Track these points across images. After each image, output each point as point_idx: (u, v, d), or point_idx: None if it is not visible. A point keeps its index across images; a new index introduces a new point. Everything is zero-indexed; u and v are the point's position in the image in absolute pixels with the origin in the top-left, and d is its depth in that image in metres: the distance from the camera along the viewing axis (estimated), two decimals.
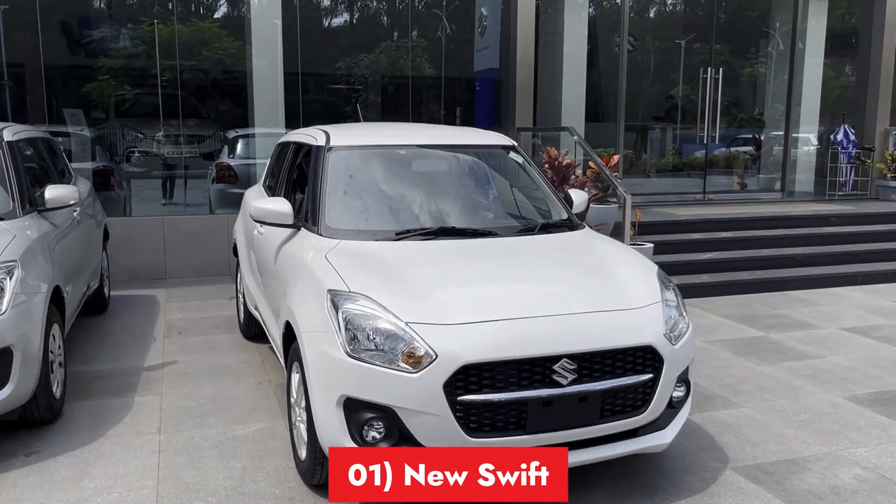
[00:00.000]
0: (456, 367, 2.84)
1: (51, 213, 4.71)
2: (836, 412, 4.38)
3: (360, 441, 2.96)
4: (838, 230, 8.69)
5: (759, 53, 12.60)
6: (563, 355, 2.96)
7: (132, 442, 3.89)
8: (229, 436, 3.97)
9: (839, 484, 3.50)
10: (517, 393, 2.91)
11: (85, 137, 9.50)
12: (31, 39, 8.99)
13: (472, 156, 4.43)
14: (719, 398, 4.58)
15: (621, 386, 3.06)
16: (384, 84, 11.76)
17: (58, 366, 4.23)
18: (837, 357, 5.42)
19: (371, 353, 2.94)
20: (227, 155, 9.76)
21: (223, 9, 11.17)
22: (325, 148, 4.15)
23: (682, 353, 3.28)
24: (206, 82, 10.34)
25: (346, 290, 3.13)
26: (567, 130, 8.14)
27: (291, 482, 3.46)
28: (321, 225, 3.77)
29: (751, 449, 3.87)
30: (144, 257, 7.91)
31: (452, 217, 3.95)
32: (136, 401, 4.46)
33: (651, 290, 3.39)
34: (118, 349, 5.46)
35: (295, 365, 3.45)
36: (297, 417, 3.47)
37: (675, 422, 3.36)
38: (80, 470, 3.57)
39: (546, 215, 4.26)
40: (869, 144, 10.67)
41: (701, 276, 7.42)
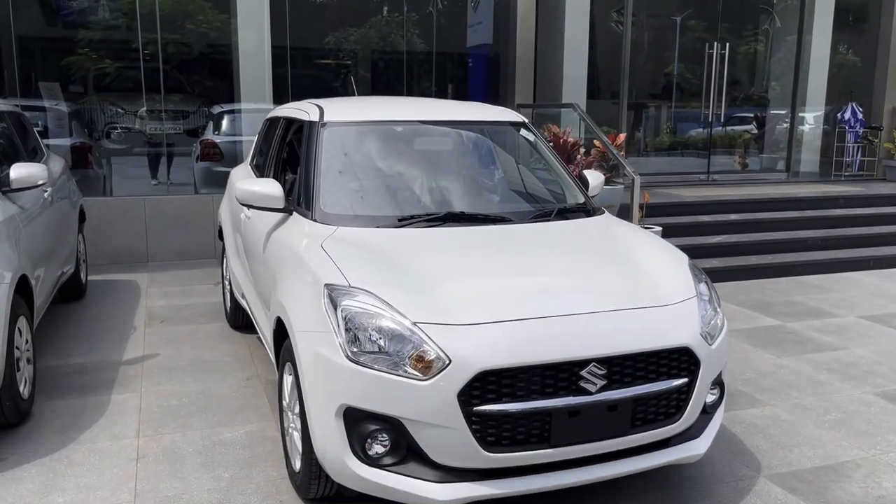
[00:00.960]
0: (472, 374, 2.50)
1: (17, 195, 4.30)
2: (869, 411, 4.08)
3: (363, 456, 2.62)
4: (848, 212, 8.40)
5: (758, 30, 12.23)
6: (591, 359, 2.62)
7: (108, 448, 3.53)
8: (215, 440, 3.63)
9: (884, 494, 3.20)
10: (540, 402, 2.57)
11: (62, 112, 9.02)
12: (2, 9, 8.48)
13: (479, 133, 4.05)
14: (743, 395, 4.28)
15: (655, 392, 2.73)
16: (374, 59, 11.33)
17: (25, 363, 3.85)
18: (861, 349, 5.12)
19: (374, 356, 2.59)
20: (213, 131, 9.32)
21: None
22: (318, 124, 3.76)
23: (718, 354, 2.95)
24: (191, 56, 9.87)
25: (346, 284, 2.77)
26: (571, 107, 7.76)
27: (284, 495, 3.12)
28: (315, 209, 3.40)
29: (783, 454, 3.56)
30: (125, 240, 7.50)
31: (460, 201, 3.59)
32: (112, 399, 4.10)
33: (685, 284, 3.05)
34: (95, 340, 5.08)
35: (288, 366, 3.10)
36: (290, 424, 3.12)
37: (709, 429, 3.04)
38: (48, 481, 3.21)
39: (561, 199, 3.90)
40: (877, 123, 10.36)
41: (711, 260, 7.10)
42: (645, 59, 12.67)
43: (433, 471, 2.59)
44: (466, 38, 10.82)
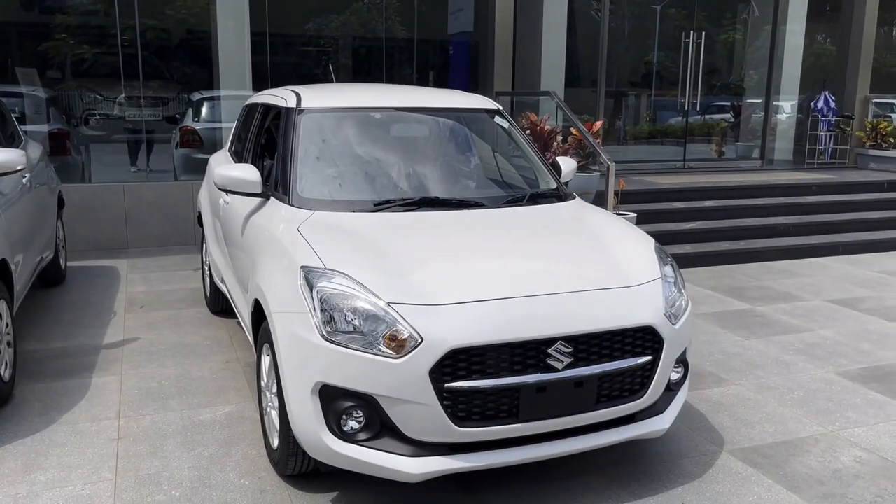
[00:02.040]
0: (443, 352, 2.59)
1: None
2: (830, 389, 4.24)
3: (339, 432, 2.71)
4: (819, 199, 8.58)
5: (738, 19, 12.37)
6: (558, 338, 2.72)
7: (88, 428, 3.60)
8: (195, 420, 3.70)
9: (840, 467, 3.35)
10: (509, 379, 2.67)
11: (39, 98, 8.97)
12: None
13: (455, 120, 4.12)
14: (710, 375, 4.42)
15: (619, 369, 2.84)
16: (355, 46, 11.33)
17: (6, 346, 3.90)
18: (826, 331, 5.29)
19: (349, 335, 2.68)
20: (192, 118, 9.31)
21: None
22: (295, 110, 3.82)
23: (682, 333, 3.07)
24: (169, 42, 9.83)
25: (322, 266, 2.85)
26: (548, 95, 7.85)
27: (262, 472, 3.21)
28: (292, 194, 3.47)
29: (746, 430, 3.70)
30: (104, 226, 7.51)
31: (435, 186, 3.67)
32: (93, 382, 4.16)
33: (650, 266, 3.16)
34: (75, 325, 5.12)
35: (265, 347, 3.18)
36: (268, 403, 3.21)
37: (673, 405, 3.17)
38: (30, 460, 3.27)
39: (534, 184, 4.00)
40: (849, 112, 10.55)
41: (684, 246, 7.25)
42: (625, 48, 12.77)
43: (406, 445, 2.69)
44: (447, 26, 10.84)
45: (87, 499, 2.98)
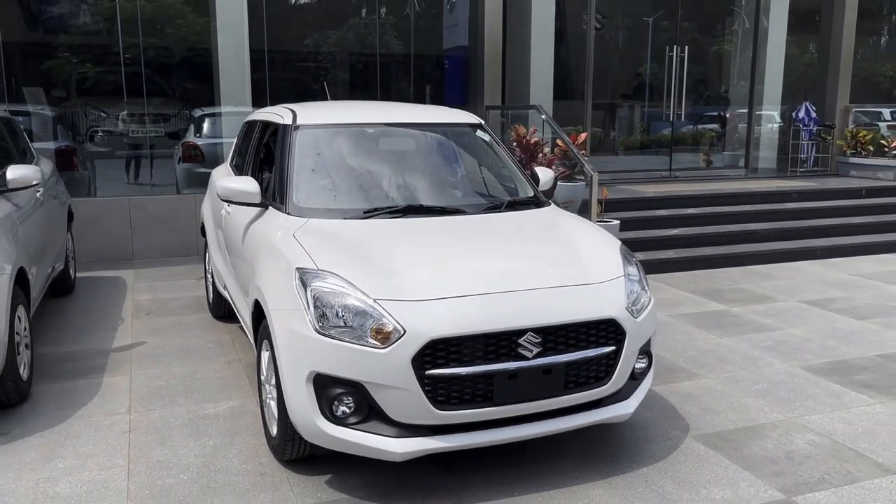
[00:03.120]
0: (423, 342, 2.90)
1: (13, 194, 4.65)
2: (793, 381, 4.54)
3: (331, 416, 3.01)
4: (799, 206, 8.90)
5: (726, 31, 12.74)
6: (527, 329, 3.03)
7: (102, 422, 3.89)
8: (200, 414, 4.00)
9: (793, 449, 3.64)
10: (484, 366, 2.97)
11: (46, 116, 9.31)
12: None
13: (439, 134, 4.45)
14: (682, 370, 4.71)
15: (585, 358, 3.14)
16: (352, 62, 11.67)
17: (24, 347, 4.20)
18: (795, 329, 5.59)
19: (340, 329, 2.98)
20: (194, 134, 9.65)
21: None
22: (291, 126, 4.14)
23: (643, 326, 3.37)
24: (171, 60, 10.18)
25: (315, 268, 3.16)
26: (535, 109, 8.18)
27: (263, 458, 3.50)
28: (289, 204, 3.78)
29: (711, 418, 4.00)
30: (110, 238, 7.83)
31: (420, 195, 3.99)
32: (104, 381, 4.46)
33: (614, 265, 3.46)
34: (85, 331, 5.42)
35: (265, 343, 3.48)
36: (267, 395, 3.51)
37: (638, 392, 3.46)
38: (49, 450, 3.57)
39: (513, 193, 4.31)
40: (830, 122, 10.89)
41: (667, 251, 7.56)
42: (612, 61, 13.13)
43: (392, 427, 2.99)
44: (443, 41, 11.15)
45: (103, 482, 3.28)
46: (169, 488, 3.23)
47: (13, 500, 3.12)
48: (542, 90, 9.65)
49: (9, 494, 3.17)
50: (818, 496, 3.21)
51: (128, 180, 9.53)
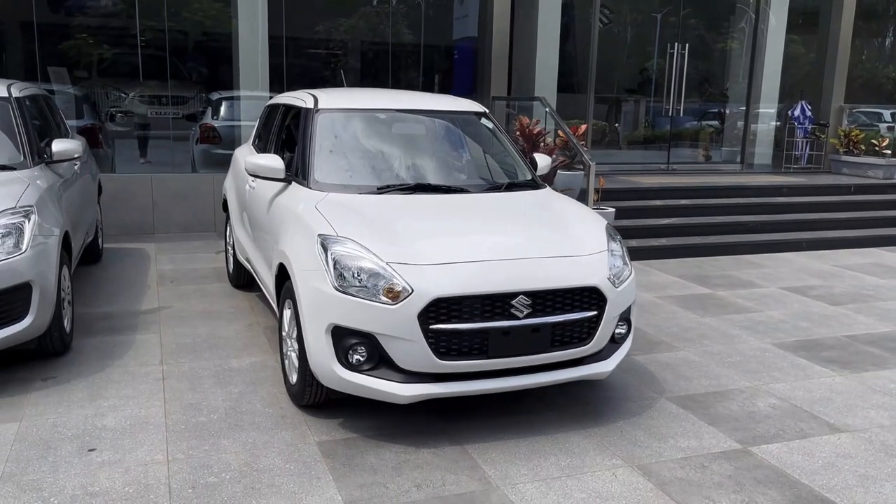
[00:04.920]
0: (429, 300, 3.33)
1: (56, 165, 5.09)
2: (764, 356, 4.97)
3: (346, 363, 3.45)
4: (789, 200, 9.29)
5: (730, 29, 13.08)
6: (519, 292, 3.46)
7: (138, 371, 4.35)
8: (225, 367, 4.45)
9: (755, 410, 4.08)
10: (480, 323, 3.41)
11: (70, 95, 9.74)
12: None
13: (447, 120, 4.87)
14: (663, 343, 5.15)
15: (569, 320, 3.58)
16: (364, 49, 12.05)
17: (67, 303, 4.65)
18: (773, 311, 6.01)
19: (356, 288, 3.42)
20: (211, 116, 10.07)
21: None
22: (314, 110, 4.57)
23: (623, 295, 3.80)
24: (190, 44, 10.59)
25: (335, 234, 3.59)
26: (539, 100, 8.59)
27: (283, 404, 3.95)
28: (310, 179, 4.22)
29: (685, 383, 4.44)
30: (133, 213, 8.27)
31: (428, 175, 4.42)
32: (137, 338, 4.91)
33: (598, 241, 3.89)
34: (116, 295, 5.88)
35: (287, 302, 3.92)
36: (288, 348, 3.95)
37: (617, 354, 3.90)
38: (93, 392, 4.03)
39: (512, 176, 4.74)
40: (824, 121, 11.27)
41: (659, 239, 7.98)
42: (619, 56, 13.49)
43: (399, 374, 3.43)
44: (453, 31, 11.49)
45: (143, 418, 3.73)
46: (202, 425, 3.68)
47: (66, 430, 3.58)
48: (546, 83, 10.05)
49: (61, 425, 3.63)
50: (771, 447, 3.64)
51: (143, 160, 9.98)
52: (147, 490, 3.08)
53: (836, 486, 3.30)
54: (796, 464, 3.49)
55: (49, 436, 3.52)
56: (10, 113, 4.85)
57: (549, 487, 3.20)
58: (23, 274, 3.97)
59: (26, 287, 4.00)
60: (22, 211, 4.13)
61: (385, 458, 3.41)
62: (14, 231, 4.01)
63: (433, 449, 3.52)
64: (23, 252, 3.99)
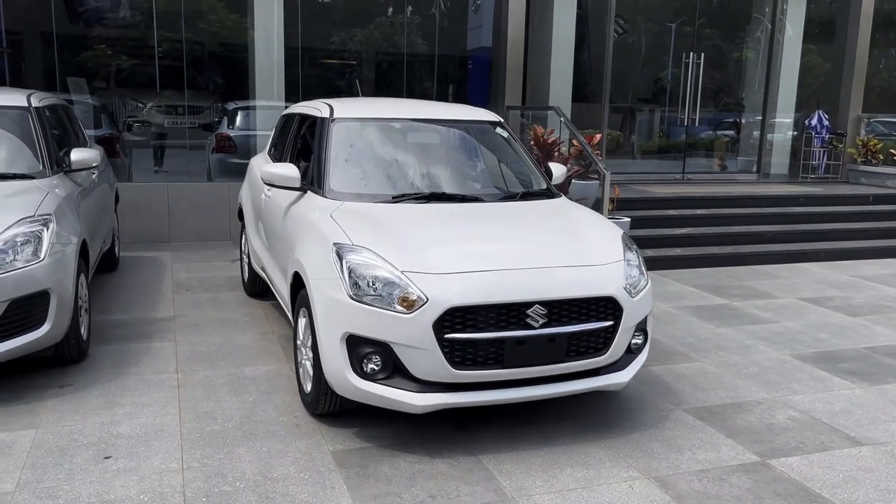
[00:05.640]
0: (444, 309, 3.32)
1: (75, 174, 5.14)
2: (782, 367, 4.91)
3: (361, 372, 3.44)
4: (806, 210, 9.21)
5: (741, 39, 13.03)
6: (535, 302, 3.44)
7: (153, 378, 4.36)
8: (239, 375, 4.45)
9: (774, 423, 4.03)
10: (496, 333, 3.39)
11: (88, 105, 9.85)
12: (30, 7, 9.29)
13: (462, 130, 4.87)
14: (679, 354, 5.10)
15: (585, 330, 3.55)
16: (378, 60, 12.11)
17: (84, 311, 4.68)
18: (790, 322, 5.95)
19: (371, 296, 3.41)
20: (227, 126, 10.15)
21: None
22: (329, 119, 4.59)
23: (639, 305, 3.77)
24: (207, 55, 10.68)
25: (350, 243, 3.60)
26: (553, 110, 8.58)
27: (297, 412, 3.94)
28: (326, 188, 4.23)
29: (701, 395, 4.39)
30: (149, 221, 8.33)
31: (443, 184, 4.41)
32: (153, 346, 4.93)
33: (615, 251, 3.87)
34: (132, 303, 5.91)
35: (302, 310, 3.92)
36: (303, 357, 3.95)
37: (633, 365, 3.87)
38: (109, 399, 4.04)
39: (527, 185, 4.73)
40: (842, 130, 11.18)
41: (674, 249, 7.93)
42: (634, 65, 13.48)
43: (413, 383, 3.42)
44: (467, 41, 11.53)
45: (159, 426, 3.74)
46: (216, 433, 3.68)
47: (82, 437, 3.59)
48: (560, 92, 10.04)
49: (78, 433, 3.64)
50: (791, 460, 3.59)
51: (157, 168, 10.06)
52: (162, 498, 3.08)
53: (857, 500, 3.25)
54: (816, 477, 3.44)
55: (65, 443, 3.53)
56: (29, 122, 4.91)
57: (564, 499, 3.17)
58: (41, 282, 4.00)
59: (44, 295, 4.03)
60: (41, 219, 4.16)
61: (399, 468, 3.40)
62: (33, 239, 4.04)
63: (448, 459, 3.50)
64: (41, 260, 4.02)
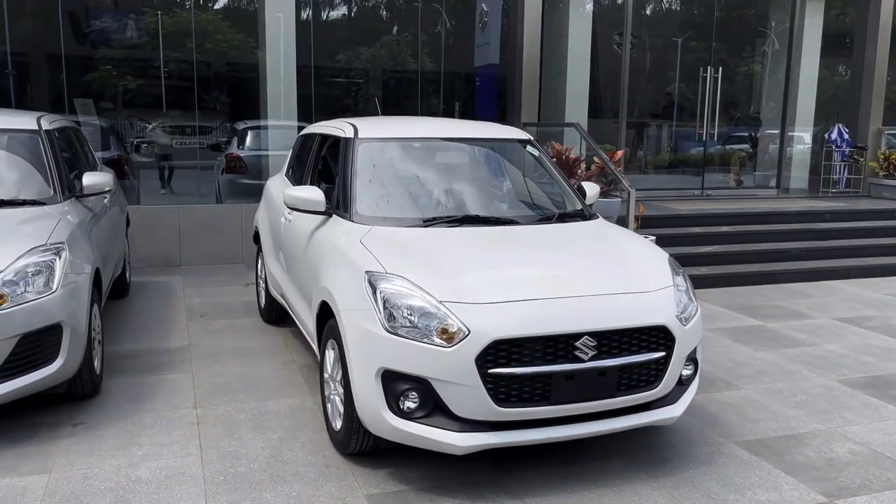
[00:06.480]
0: (487, 342, 3.09)
1: (87, 199, 4.93)
2: (831, 394, 4.66)
3: (397, 410, 3.21)
4: (832, 226, 8.98)
5: (756, 52, 12.88)
6: (584, 333, 3.21)
7: (171, 415, 4.12)
8: (262, 410, 4.21)
9: (834, 457, 3.77)
10: (542, 367, 3.16)
11: (96, 127, 9.68)
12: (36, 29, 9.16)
13: (491, 149, 4.66)
14: (721, 381, 4.86)
15: (637, 362, 3.32)
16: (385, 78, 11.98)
17: (98, 343, 4.46)
18: (831, 345, 5.70)
19: (407, 328, 3.18)
20: (237, 146, 9.97)
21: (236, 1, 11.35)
22: (354, 139, 4.38)
23: (691, 334, 3.54)
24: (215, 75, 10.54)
25: (383, 271, 3.37)
26: (573, 126, 8.39)
27: (326, 451, 3.70)
28: (353, 212, 4.01)
29: (751, 426, 4.14)
30: (160, 244, 8.12)
31: (475, 206, 4.20)
32: (168, 378, 4.69)
33: (663, 275, 3.64)
34: (145, 331, 5.68)
35: (330, 342, 3.69)
36: (332, 391, 3.71)
37: (685, 397, 3.62)
38: (126, 439, 3.80)
39: (561, 206, 4.51)
40: (862, 143, 10.97)
41: (700, 268, 7.69)
42: (646, 80, 13.33)
43: (454, 422, 3.18)
44: (474, 58, 11.41)
45: (179, 468, 3.50)
46: (241, 476, 3.44)
47: (99, 483, 3.35)
48: (577, 108, 9.86)
49: (93, 477, 3.40)
50: (860, 500, 3.34)
51: (164, 190, 9.88)
52: None
53: None
54: None
55: (81, 489, 3.29)
56: (40, 146, 4.71)
57: None
58: (54, 314, 3.78)
59: (57, 328, 3.81)
60: (53, 248, 3.95)
61: None
62: (45, 269, 3.82)
63: (490, 502, 3.25)
64: (53, 291, 3.80)
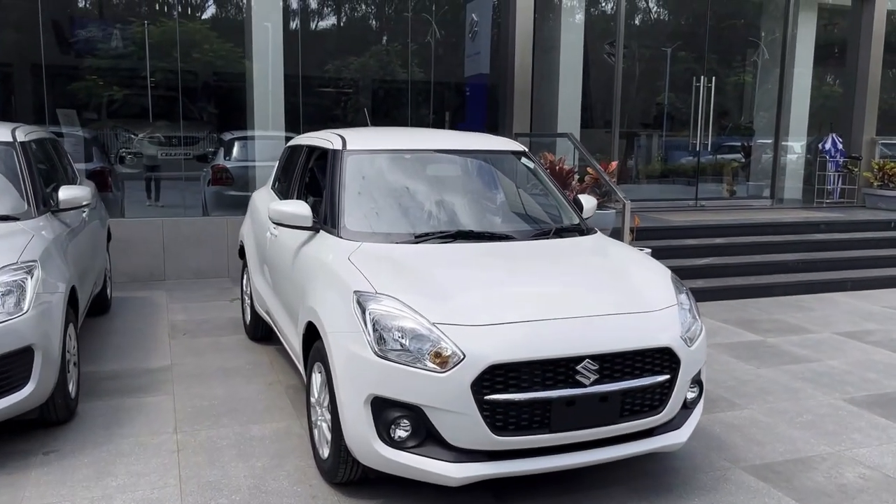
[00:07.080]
0: (483, 367, 2.91)
1: (63, 214, 4.72)
2: (837, 414, 4.50)
3: (388, 440, 3.02)
4: (828, 237, 8.87)
5: (747, 62, 12.81)
6: (585, 356, 3.04)
7: (150, 441, 3.92)
8: (246, 436, 4.01)
9: (845, 483, 3.61)
10: (542, 392, 2.98)
11: (79, 138, 9.46)
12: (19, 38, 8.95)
13: (485, 161, 4.50)
14: (723, 400, 4.69)
15: (641, 386, 3.14)
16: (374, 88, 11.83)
17: (73, 365, 4.25)
18: (834, 361, 5.55)
19: (398, 352, 3.00)
20: (224, 157, 9.77)
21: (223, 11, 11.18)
22: (342, 152, 4.20)
23: (696, 355, 3.37)
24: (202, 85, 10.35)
25: (373, 291, 3.19)
26: (566, 137, 8.25)
27: (313, 480, 3.51)
28: (341, 227, 3.83)
29: (758, 449, 3.97)
30: (143, 259, 7.90)
31: (469, 221, 4.02)
32: (148, 401, 4.48)
33: (666, 294, 3.48)
34: (125, 350, 5.46)
35: (317, 365, 3.50)
36: (318, 417, 3.52)
37: (690, 422, 3.45)
38: (100, 468, 3.59)
39: (558, 220, 4.34)
40: (856, 153, 10.90)
41: (697, 280, 7.54)
42: (637, 90, 13.23)
43: (449, 452, 2.99)
44: (464, 68, 11.29)
45: (157, 501, 3.29)
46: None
47: None
48: (569, 119, 9.74)
49: None
50: None
51: (150, 202, 9.66)
52: None
53: None
54: None
55: None
56: (14, 159, 4.51)
57: None
58: (24, 337, 3.57)
59: (28, 351, 3.60)
60: (25, 266, 3.74)
61: None
62: (15, 289, 3.62)
63: None
64: (24, 312, 3.59)
